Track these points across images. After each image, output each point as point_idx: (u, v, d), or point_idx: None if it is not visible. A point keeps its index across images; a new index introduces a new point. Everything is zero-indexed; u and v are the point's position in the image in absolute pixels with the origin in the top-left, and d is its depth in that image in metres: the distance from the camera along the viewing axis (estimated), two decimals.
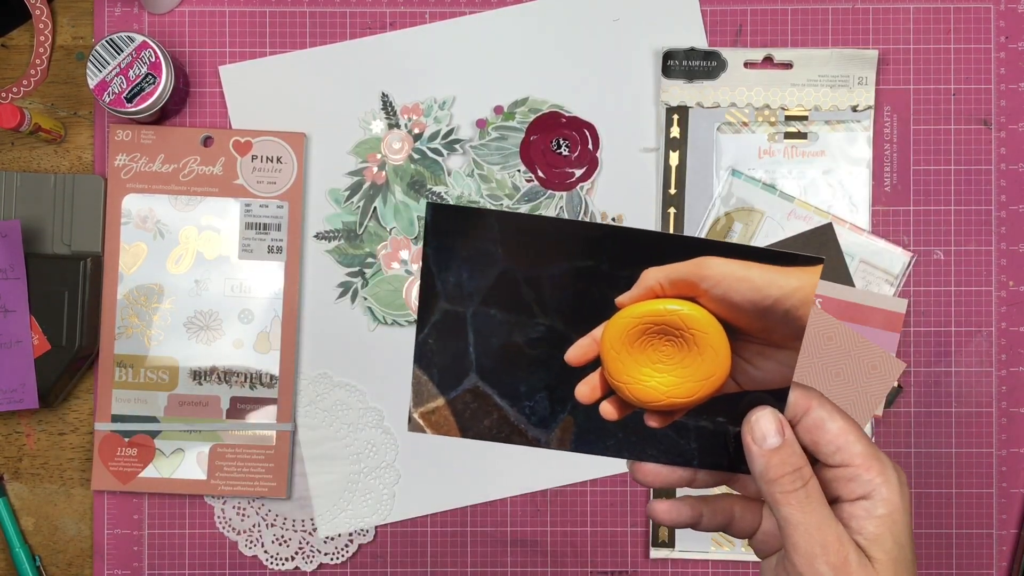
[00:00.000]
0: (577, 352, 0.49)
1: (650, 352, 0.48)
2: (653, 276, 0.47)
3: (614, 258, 0.47)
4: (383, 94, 0.85)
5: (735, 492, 0.54)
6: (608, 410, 0.50)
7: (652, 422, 0.50)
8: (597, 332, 0.49)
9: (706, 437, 0.50)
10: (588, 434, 0.50)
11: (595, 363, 0.49)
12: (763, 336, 0.48)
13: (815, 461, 0.49)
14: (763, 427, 0.48)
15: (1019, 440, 0.84)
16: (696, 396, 0.49)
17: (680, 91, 0.84)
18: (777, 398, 0.49)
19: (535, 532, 0.84)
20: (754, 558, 0.83)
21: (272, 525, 0.84)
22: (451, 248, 0.48)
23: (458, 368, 0.50)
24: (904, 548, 0.48)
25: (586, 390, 0.50)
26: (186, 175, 0.83)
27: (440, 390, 0.50)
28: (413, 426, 0.51)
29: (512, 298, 0.48)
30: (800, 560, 0.47)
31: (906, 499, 0.48)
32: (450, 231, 0.47)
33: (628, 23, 0.84)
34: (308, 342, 0.84)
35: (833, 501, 0.49)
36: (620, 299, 0.48)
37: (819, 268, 0.46)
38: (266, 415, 0.83)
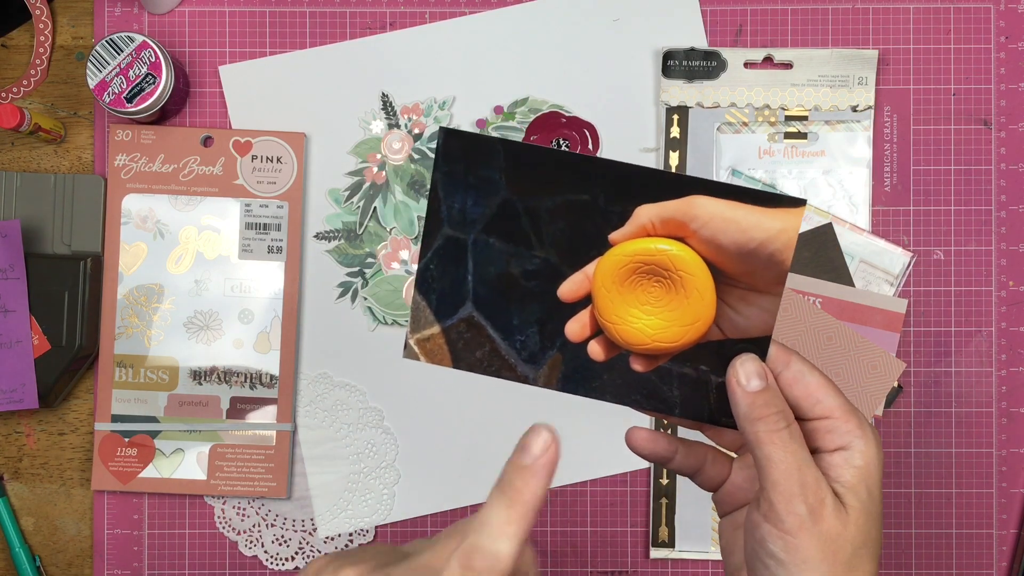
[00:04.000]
0: (570, 287, 0.50)
1: (639, 292, 0.50)
2: (645, 213, 0.49)
3: (609, 193, 0.49)
4: (383, 94, 0.85)
5: (710, 442, 0.56)
6: (596, 350, 0.51)
7: (637, 365, 0.51)
8: (590, 269, 0.50)
9: (688, 385, 0.51)
10: (575, 373, 0.52)
11: (586, 301, 0.51)
12: (747, 280, 0.49)
13: (794, 416, 0.51)
14: (748, 369, 0.49)
15: (1019, 440, 0.84)
16: (681, 341, 0.50)
17: (680, 91, 0.84)
18: (758, 349, 0.50)
19: (535, 532, 0.84)
20: None
21: (272, 525, 0.84)
22: (458, 174, 0.50)
23: (456, 296, 0.51)
24: (876, 501, 0.50)
25: (576, 327, 0.51)
26: (186, 175, 0.83)
27: (437, 317, 0.52)
28: (408, 352, 0.52)
29: (511, 228, 0.50)
30: (779, 498, 0.48)
31: (880, 454, 0.50)
32: (459, 157, 0.49)
33: (628, 23, 0.84)
34: (308, 342, 0.84)
35: (812, 452, 0.50)
36: (613, 236, 0.49)
37: (802, 211, 0.48)
38: (266, 415, 0.83)
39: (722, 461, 0.56)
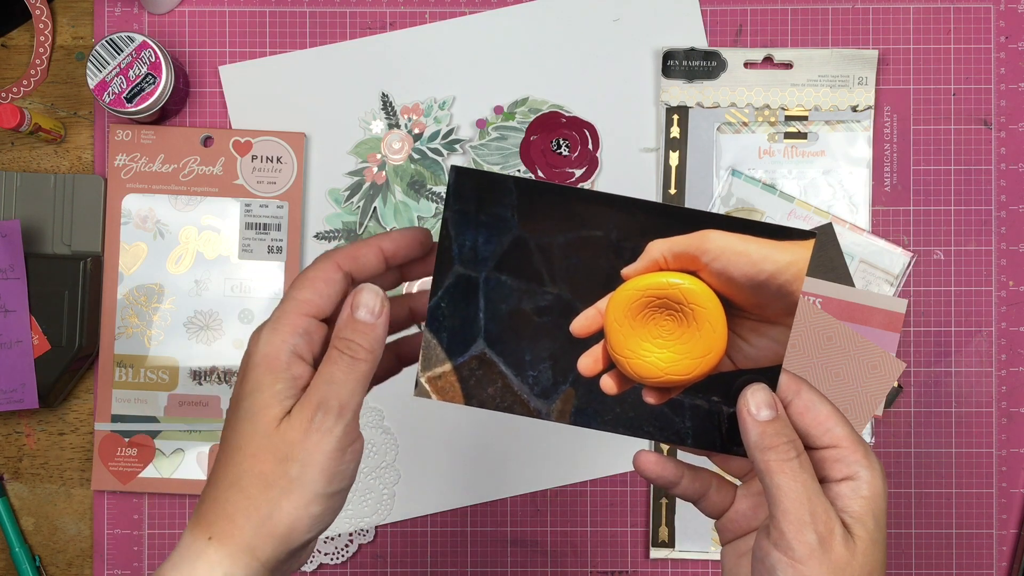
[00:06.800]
0: (582, 323, 0.51)
1: (651, 327, 0.50)
2: (658, 248, 0.49)
3: (621, 228, 0.49)
4: (383, 94, 0.85)
5: (716, 469, 0.57)
6: (608, 384, 0.52)
7: (650, 398, 0.52)
8: (602, 304, 0.50)
9: (700, 416, 0.52)
10: (587, 407, 0.52)
11: (599, 335, 0.51)
12: (758, 312, 0.50)
13: (803, 445, 0.51)
14: (759, 399, 0.50)
15: (1019, 440, 0.84)
16: (693, 373, 0.50)
17: (680, 91, 0.84)
18: (769, 378, 0.51)
19: (535, 532, 0.84)
20: None
21: None
22: (470, 212, 0.50)
23: (467, 333, 0.51)
24: (881, 530, 0.50)
25: (588, 362, 0.51)
26: (186, 175, 0.83)
27: (448, 355, 0.52)
28: (420, 391, 0.53)
29: (524, 265, 0.50)
30: (789, 527, 0.49)
31: (885, 485, 0.51)
32: (470, 195, 0.49)
33: (628, 23, 0.84)
34: None
35: (820, 481, 0.51)
36: (626, 271, 0.50)
37: (811, 243, 0.48)
38: None
39: (727, 488, 0.56)
